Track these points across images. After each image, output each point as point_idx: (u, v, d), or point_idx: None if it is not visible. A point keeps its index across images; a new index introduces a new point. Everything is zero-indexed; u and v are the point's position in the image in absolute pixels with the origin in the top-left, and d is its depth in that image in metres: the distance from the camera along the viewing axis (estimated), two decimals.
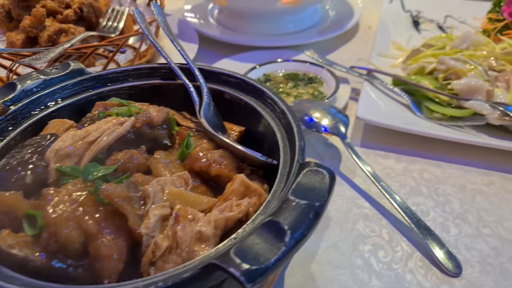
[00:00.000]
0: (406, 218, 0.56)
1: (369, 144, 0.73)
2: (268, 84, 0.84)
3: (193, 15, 1.13)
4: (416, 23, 1.05)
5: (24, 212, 0.42)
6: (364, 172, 0.61)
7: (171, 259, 0.39)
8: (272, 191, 0.43)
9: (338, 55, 1.00)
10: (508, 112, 0.66)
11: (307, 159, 0.47)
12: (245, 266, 0.32)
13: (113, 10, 0.96)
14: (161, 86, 0.64)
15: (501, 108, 0.67)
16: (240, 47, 1.00)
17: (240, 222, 0.42)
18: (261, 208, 0.42)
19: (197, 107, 0.57)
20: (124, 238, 0.40)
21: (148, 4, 1.01)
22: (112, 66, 0.84)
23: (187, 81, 0.59)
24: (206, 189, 0.47)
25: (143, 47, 0.87)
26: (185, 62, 0.61)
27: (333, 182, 0.40)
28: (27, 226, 0.41)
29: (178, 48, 0.63)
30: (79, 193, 0.41)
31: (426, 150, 0.70)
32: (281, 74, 0.87)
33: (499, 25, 0.96)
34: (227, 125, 0.58)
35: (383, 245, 0.56)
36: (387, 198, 0.58)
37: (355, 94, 0.84)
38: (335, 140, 0.73)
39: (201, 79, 0.59)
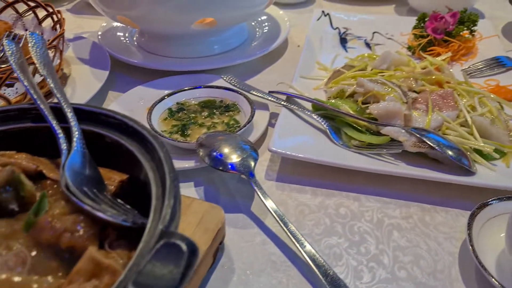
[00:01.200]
0: (314, 268, 0.50)
1: (286, 178, 0.67)
2: (180, 114, 0.77)
3: (109, 38, 1.05)
4: (343, 41, 1.02)
5: None
6: (273, 215, 0.55)
7: None
8: (128, 266, 0.36)
9: (263, 77, 0.95)
10: (425, 139, 0.62)
11: (210, 208, 0.41)
12: None
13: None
14: (32, 129, 0.55)
15: (417, 135, 0.63)
16: (159, 71, 0.93)
17: None
18: None
19: (63, 158, 0.49)
20: None
21: (53, 28, 0.92)
22: None
23: (54, 125, 0.51)
24: (58, 265, 0.39)
25: (38, 78, 0.78)
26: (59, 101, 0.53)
27: (193, 260, 0.33)
28: None
29: (52, 84, 0.55)
30: None
31: (344, 181, 0.65)
32: (196, 102, 0.80)
33: (423, 41, 0.94)
34: (108, 173, 0.50)
35: None
36: (295, 245, 0.52)
37: (275, 120, 0.78)
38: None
39: (73, 122, 0.51)
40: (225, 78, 0.83)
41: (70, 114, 0.52)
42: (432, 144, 0.61)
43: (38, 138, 0.55)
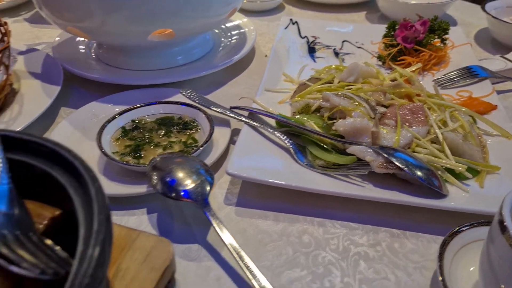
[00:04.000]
0: None
1: (247, 202, 0.62)
2: (135, 132, 0.71)
3: (64, 50, 0.98)
4: (311, 50, 0.98)
5: None
6: (228, 249, 0.50)
7: None
8: None
9: (228, 90, 0.91)
10: (392, 159, 0.58)
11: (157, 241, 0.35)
12: None
13: None
14: None
15: (384, 154, 0.59)
16: (118, 86, 0.87)
17: None
18: None
19: None
20: None
21: (1, 40, 0.85)
22: None
23: None
24: None
25: None
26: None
27: None
28: None
29: None
30: None
31: (309, 205, 0.61)
32: (152, 119, 0.75)
33: (393, 50, 0.91)
34: (38, 209, 0.44)
35: None
36: (253, 284, 0.47)
37: (238, 137, 0.73)
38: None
39: None
40: (183, 93, 0.78)
41: None
42: (400, 165, 0.57)
43: None
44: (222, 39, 1.05)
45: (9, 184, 0.44)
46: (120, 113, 0.72)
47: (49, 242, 0.41)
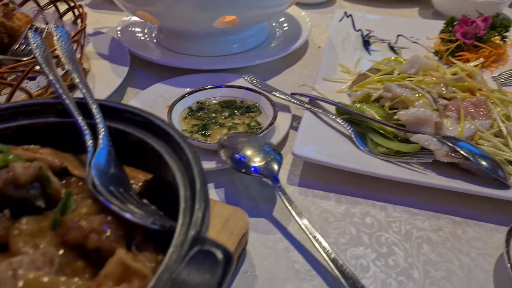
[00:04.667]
0: (342, 278, 0.48)
1: (309, 183, 0.65)
2: (201, 113, 0.75)
3: (128, 34, 1.03)
4: (366, 43, 1.00)
5: None
6: (297, 222, 0.53)
7: None
8: (158, 274, 0.35)
9: (284, 78, 0.93)
10: (457, 148, 0.60)
11: (233, 211, 0.39)
12: None
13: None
14: (56, 124, 0.54)
15: (449, 144, 0.61)
16: (178, 69, 0.91)
17: None
18: None
19: (88, 155, 0.47)
20: None
21: (74, 22, 0.91)
22: (20, 95, 0.74)
23: (80, 121, 0.50)
24: (85, 265, 0.38)
25: (59, 72, 0.76)
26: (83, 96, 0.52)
27: (228, 269, 0.31)
28: None
29: (77, 80, 0.54)
30: None
31: (370, 189, 0.63)
32: (216, 102, 0.78)
33: (452, 46, 0.92)
34: (132, 172, 0.49)
35: None
36: (321, 254, 0.50)
37: (297, 123, 0.76)
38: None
39: (99, 118, 0.50)
40: (246, 78, 0.81)
41: (95, 110, 0.50)
42: (466, 154, 0.58)
43: (61, 133, 0.53)
44: (277, 29, 1.08)
45: (109, 147, 0.48)
46: (189, 93, 0.76)
47: (145, 201, 0.46)
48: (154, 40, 1.04)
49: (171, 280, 0.30)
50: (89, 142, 0.48)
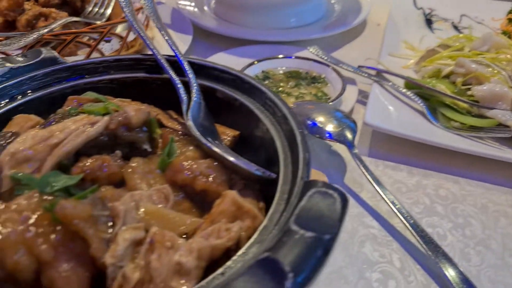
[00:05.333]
0: (422, 243, 0.48)
1: (378, 154, 0.65)
2: (267, 82, 0.76)
3: (188, 4, 1.05)
4: (429, 22, 0.98)
5: None
6: (375, 188, 0.54)
7: None
8: (269, 213, 0.36)
9: (342, 54, 0.93)
10: None
11: (313, 174, 0.40)
12: None
13: None
14: (146, 80, 0.56)
15: None
16: (238, 40, 0.92)
17: (230, 250, 0.35)
18: (256, 235, 0.34)
19: (184, 107, 0.49)
20: (86, 267, 0.33)
21: None
22: (96, 56, 0.76)
23: (174, 76, 0.51)
24: (191, 206, 0.40)
25: (131, 37, 0.78)
26: (173, 54, 0.53)
27: (346, 208, 0.32)
28: None
29: (166, 37, 0.55)
30: (33, 209, 0.33)
31: (442, 163, 0.63)
32: (281, 72, 0.79)
33: None
34: (219, 128, 0.50)
35: (394, 273, 0.48)
36: (400, 219, 0.51)
37: (362, 97, 0.76)
38: (339, 147, 0.65)
39: (191, 74, 0.51)
40: (312, 50, 0.81)
41: (187, 67, 0.52)
42: None
43: (149, 88, 0.55)
44: (335, 5, 1.07)
45: (202, 101, 0.50)
46: (259, 61, 0.77)
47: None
48: (212, 12, 1.05)
49: (296, 215, 0.31)
50: (183, 96, 0.49)
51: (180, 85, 0.50)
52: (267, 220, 0.35)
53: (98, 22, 0.81)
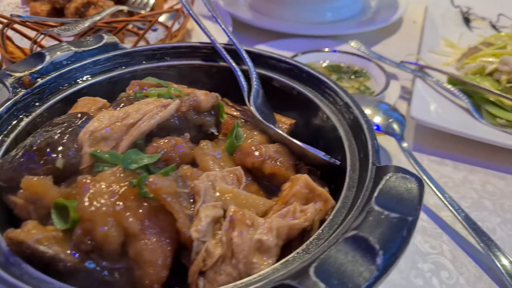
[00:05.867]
0: (474, 235, 0.49)
1: (422, 148, 0.66)
2: None
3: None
4: (466, 20, 0.98)
5: (53, 200, 0.36)
6: (425, 181, 0.55)
7: (225, 271, 0.33)
8: (341, 197, 0.37)
9: (379, 50, 0.93)
10: None
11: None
12: None
13: None
14: (202, 67, 0.57)
15: None
16: (274, 33, 0.93)
17: (305, 231, 0.36)
18: (331, 216, 0.35)
19: (245, 93, 0.50)
20: (170, 241, 0.34)
21: None
22: (142, 44, 0.78)
23: (234, 64, 0.53)
24: (258, 188, 0.41)
25: (176, 26, 0.80)
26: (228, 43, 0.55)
27: (423, 191, 0.33)
28: (57, 219, 0.35)
29: (223, 27, 0.57)
30: (119, 184, 0.35)
31: (488, 159, 0.63)
32: (324, 65, 0.80)
33: None
34: (276, 116, 0.51)
35: (445, 264, 0.49)
36: (451, 211, 0.51)
37: (403, 93, 0.76)
38: (384, 140, 0.66)
39: (250, 63, 0.53)
40: (353, 45, 0.82)
41: (245, 55, 0.53)
42: None
43: (205, 76, 0.57)
44: (371, 2, 1.07)
45: (261, 89, 0.51)
46: (303, 53, 0.78)
47: None
48: (248, 5, 1.06)
49: (371, 189, 0.32)
50: (244, 83, 0.51)
51: (239, 72, 0.51)
52: (340, 203, 0.36)
53: (142, 12, 0.83)
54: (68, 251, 0.33)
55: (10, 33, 0.71)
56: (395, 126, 0.61)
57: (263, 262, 0.32)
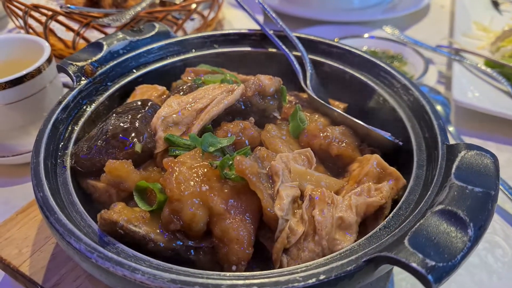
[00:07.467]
0: None
1: (462, 131, 0.66)
2: None
3: None
4: (495, 4, 0.97)
5: (134, 183, 0.37)
6: None
7: (307, 247, 0.34)
8: (413, 175, 0.38)
9: (412, 34, 0.92)
10: None
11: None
12: (431, 262, 0.27)
13: None
14: (251, 54, 0.58)
15: None
16: (302, 20, 0.94)
17: (381, 208, 0.37)
18: (406, 194, 0.36)
19: (300, 77, 0.51)
20: (253, 219, 0.35)
21: None
22: (179, 33, 0.78)
23: (287, 50, 0.53)
24: (325, 170, 0.42)
25: (211, 15, 0.80)
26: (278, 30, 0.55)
27: (499, 166, 0.34)
28: (140, 201, 0.36)
29: (274, 16, 0.57)
30: (201, 166, 0.36)
31: None
32: None
33: None
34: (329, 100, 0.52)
35: (499, 242, 0.50)
36: (502, 191, 0.52)
37: (439, 77, 0.77)
38: None
39: (302, 48, 0.53)
40: (388, 30, 0.82)
41: (297, 41, 0.54)
42: None
43: (254, 62, 0.57)
44: None
45: (315, 73, 0.52)
46: (340, 39, 0.78)
47: None
48: None
49: (445, 167, 0.33)
50: (298, 67, 0.51)
51: (293, 57, 0.52)
52: (413, 181, 0.37)
53: (177, 1, 0.83)
54: (158, 231, 0.34)
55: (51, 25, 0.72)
56: (441, 108, 0.62)
57: (345, 239, 0.34)
